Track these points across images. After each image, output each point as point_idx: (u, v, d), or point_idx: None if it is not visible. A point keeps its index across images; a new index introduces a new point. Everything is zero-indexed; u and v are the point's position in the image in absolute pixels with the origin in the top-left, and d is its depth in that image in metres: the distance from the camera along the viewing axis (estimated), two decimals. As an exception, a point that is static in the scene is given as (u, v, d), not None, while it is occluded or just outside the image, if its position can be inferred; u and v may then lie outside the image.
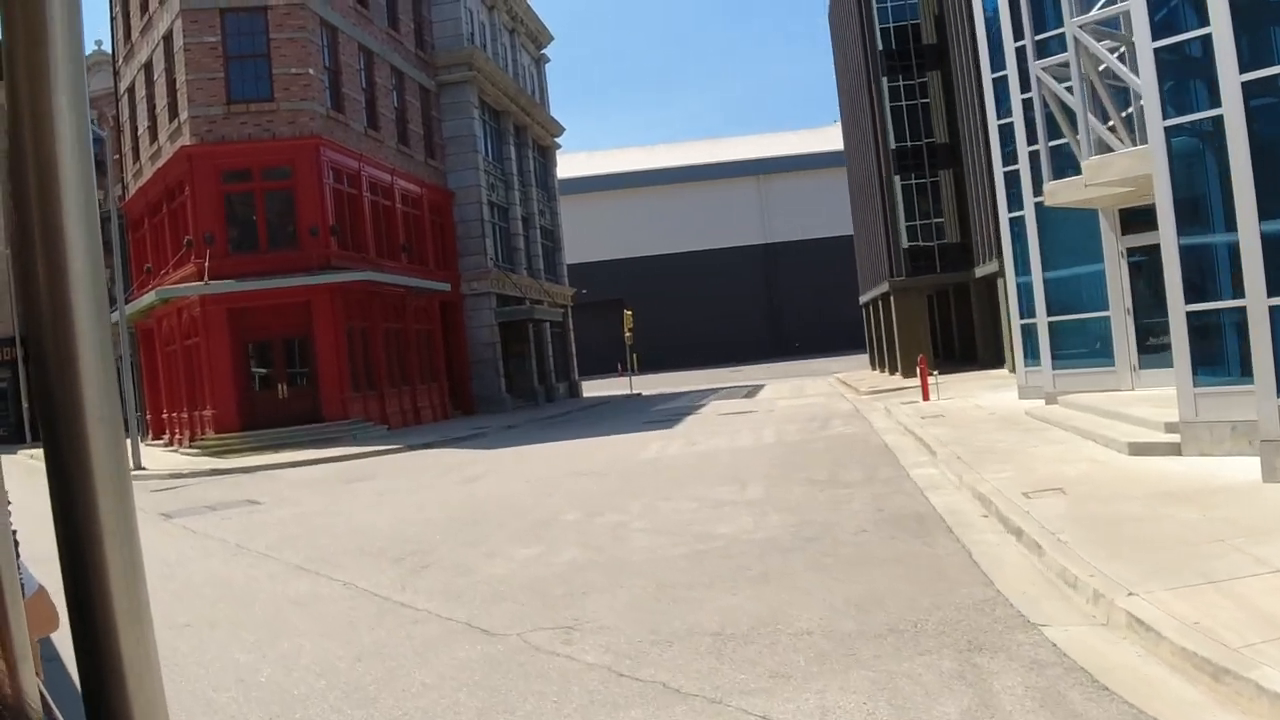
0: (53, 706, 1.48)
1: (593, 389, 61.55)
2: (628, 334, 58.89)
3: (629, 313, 59.62)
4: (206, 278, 30.48)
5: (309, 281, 31.42)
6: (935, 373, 27.98)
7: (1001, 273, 35.96)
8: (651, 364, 68.33)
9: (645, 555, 11.45)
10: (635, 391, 56.91)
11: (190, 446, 32.58)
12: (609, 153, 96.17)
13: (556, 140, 60.67)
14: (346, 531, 14.58)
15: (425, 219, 41.38)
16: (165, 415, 36.93)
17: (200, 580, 11.88)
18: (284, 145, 32.65)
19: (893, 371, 46.03)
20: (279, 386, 32.81)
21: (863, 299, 57.96)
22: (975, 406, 24.07)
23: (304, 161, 32.72)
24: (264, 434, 31.27)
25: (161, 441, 36.80)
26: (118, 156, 46.34)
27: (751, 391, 44.57)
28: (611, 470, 19.17)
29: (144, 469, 27.53)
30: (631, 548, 11.90)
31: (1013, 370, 35.60)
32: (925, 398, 26.47)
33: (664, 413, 34.96)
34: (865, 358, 70.77)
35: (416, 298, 39.07)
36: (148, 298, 32.81)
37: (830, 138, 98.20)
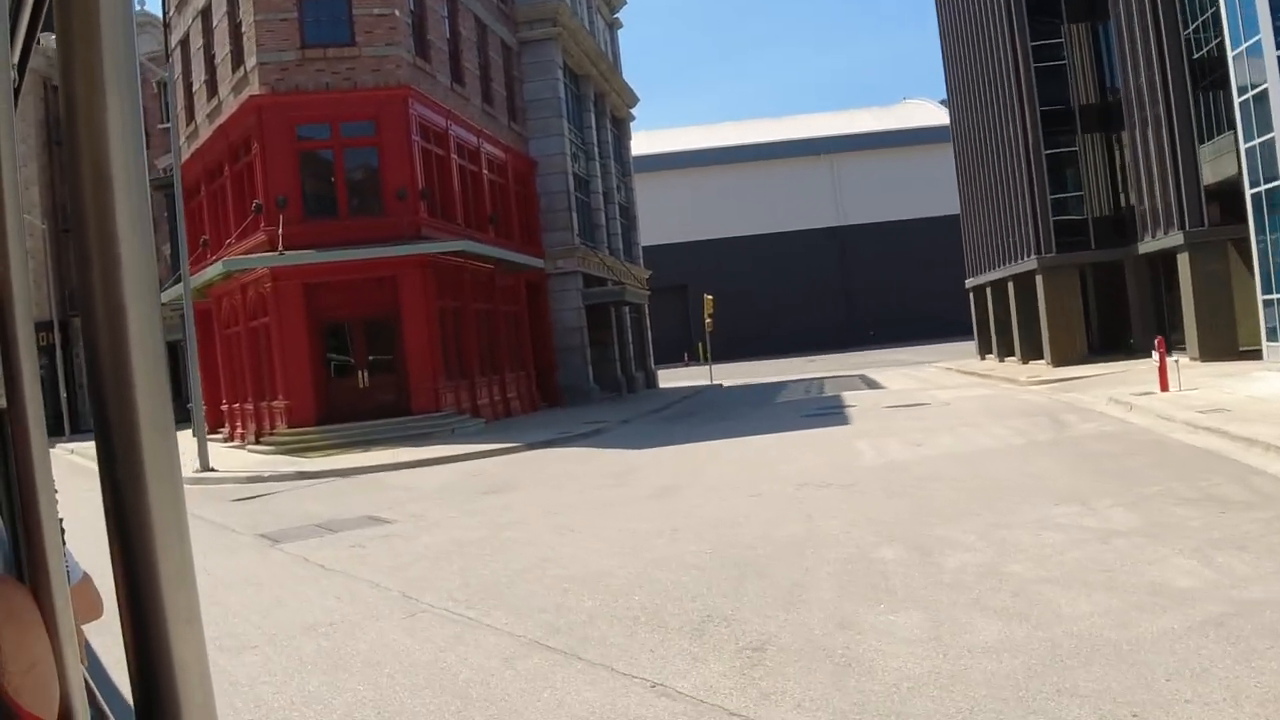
0: (97, 694, 1.58)
1: (663, 379, 56.64)
2: (708, 320, 54.47)
3: (710, 298, 55.07)
4: (281, 246, 26.11)
5: (398, 252, 26.98)
6: (1172, 356, 23.15)
7: (1187, 246, 31.32)
8: (717, 353, 63.57)
9: (1120, 630, 7.08)
10: (716, 382, 52.47)
11: (259, 443, 28.26)
12: (670, 132, 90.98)
13: (631, 112, 56.13)
14: (561, 575, 10.10)
15: (510, 188, 36.93)
16: (225, 407, 32.62)
17: (395, 670, 7.42)
18: (367, 96, 28.21)
19: (1027, 359, 41.23)
20: (359, 374, 28.40)
21: (974, 282, 53.02)
22: (1250, 399, 19.38)
23: (390, 115, 28.27)
24: (345, 429, 26.92)
25: (220, 436, 32.41)
26: (165, 125, 42.16)
27: (870, 383, 39.85)
28: (850, 481, 14.60)
29: (213, 470, 23.22)
30: (1075, 616, 7.49)
31: (1201, 357, 30.99)
32: (1164, 387, 21.79)
33: (808, 406, 30.19)
34: (951, 347, 66.19)
35: (505, 276, 34.63)
36: (210, 271, 28.40)
37: (902, 116, 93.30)
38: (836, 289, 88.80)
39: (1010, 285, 43.08)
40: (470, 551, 11.73)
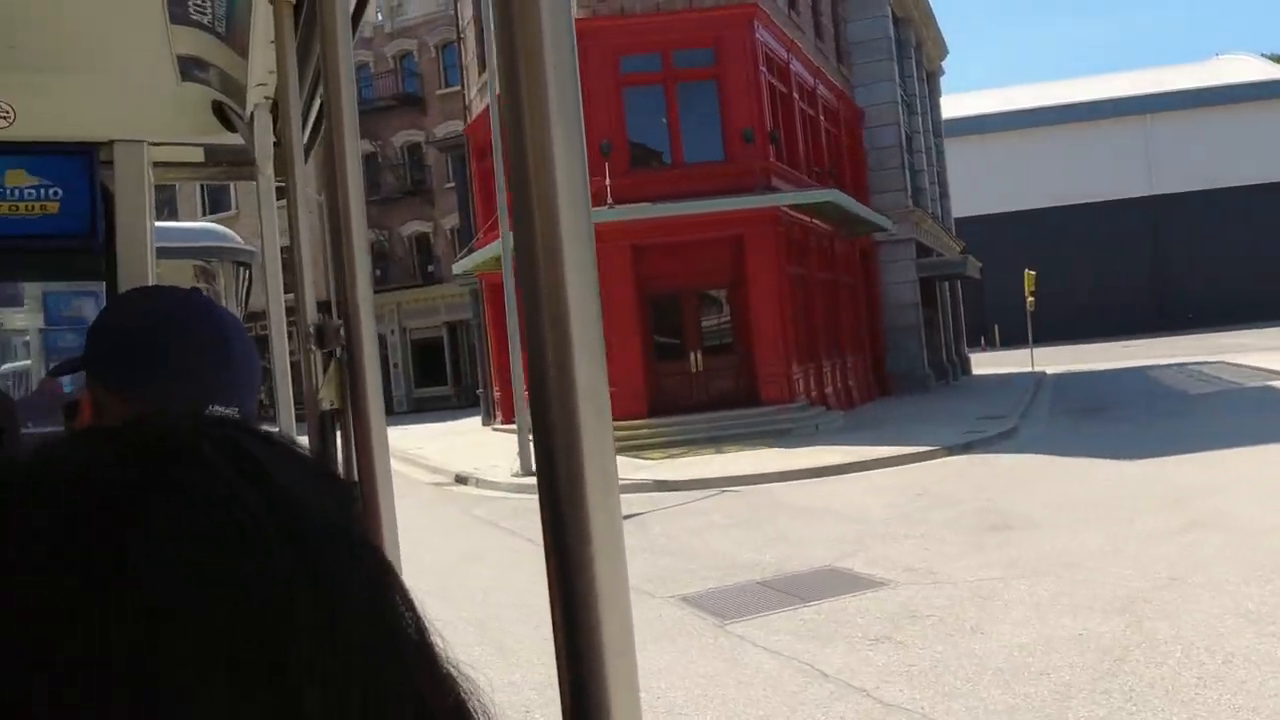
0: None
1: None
2: (1030, 299, 47.44)
3: (1031, 273, 48.06)
4: (610, 199, 21.46)
5: (749, 205, 21.93)
6: None
7: None
8: (1012, 336, 56.08)
9: None
10: (1039, 369, 45.50)
11: (574, 437, 23.78)
12: (953, 97, 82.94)
13: (942, 65, 49.70)
14: None
15: (842, 139, 31.45)
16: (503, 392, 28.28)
17: None
18: (705, 17, 23.24)
19: None
20: (691, 356, 23.53)
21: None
22: None
23: (733, 40, 23.22)
24: (680, 422, 22.07)
25: (510, 428, 28.10)
26: (444, 90, 38.67)
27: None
28: None
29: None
30: None
31: None
32: None
33: None
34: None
35: (843, 240, 29.18)
36: (521, 233, 24.08)
37: (1218, 72, 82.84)
38: (1146, 265, 78.97)
39: None
40: (1146, 675, 6.31)
